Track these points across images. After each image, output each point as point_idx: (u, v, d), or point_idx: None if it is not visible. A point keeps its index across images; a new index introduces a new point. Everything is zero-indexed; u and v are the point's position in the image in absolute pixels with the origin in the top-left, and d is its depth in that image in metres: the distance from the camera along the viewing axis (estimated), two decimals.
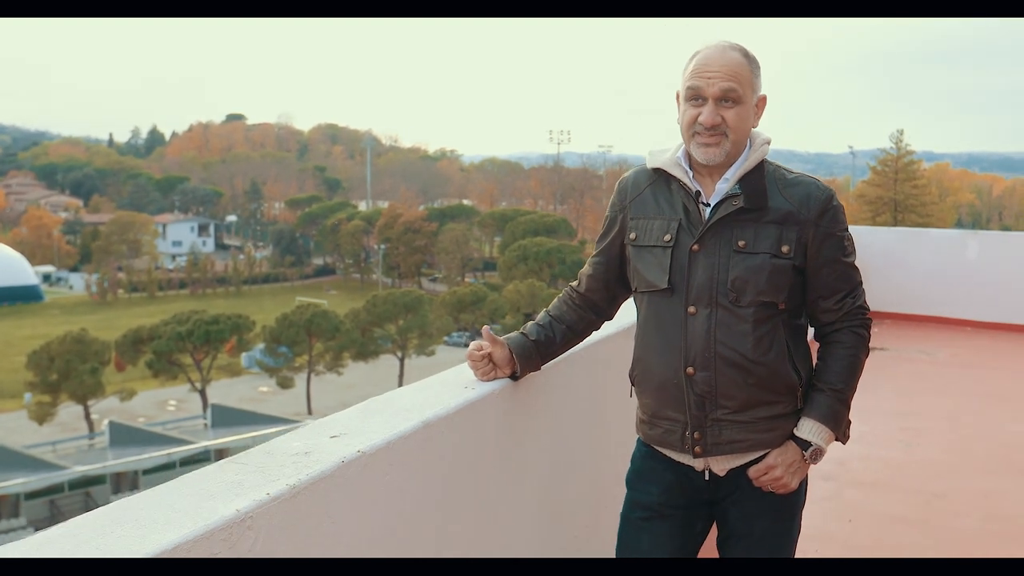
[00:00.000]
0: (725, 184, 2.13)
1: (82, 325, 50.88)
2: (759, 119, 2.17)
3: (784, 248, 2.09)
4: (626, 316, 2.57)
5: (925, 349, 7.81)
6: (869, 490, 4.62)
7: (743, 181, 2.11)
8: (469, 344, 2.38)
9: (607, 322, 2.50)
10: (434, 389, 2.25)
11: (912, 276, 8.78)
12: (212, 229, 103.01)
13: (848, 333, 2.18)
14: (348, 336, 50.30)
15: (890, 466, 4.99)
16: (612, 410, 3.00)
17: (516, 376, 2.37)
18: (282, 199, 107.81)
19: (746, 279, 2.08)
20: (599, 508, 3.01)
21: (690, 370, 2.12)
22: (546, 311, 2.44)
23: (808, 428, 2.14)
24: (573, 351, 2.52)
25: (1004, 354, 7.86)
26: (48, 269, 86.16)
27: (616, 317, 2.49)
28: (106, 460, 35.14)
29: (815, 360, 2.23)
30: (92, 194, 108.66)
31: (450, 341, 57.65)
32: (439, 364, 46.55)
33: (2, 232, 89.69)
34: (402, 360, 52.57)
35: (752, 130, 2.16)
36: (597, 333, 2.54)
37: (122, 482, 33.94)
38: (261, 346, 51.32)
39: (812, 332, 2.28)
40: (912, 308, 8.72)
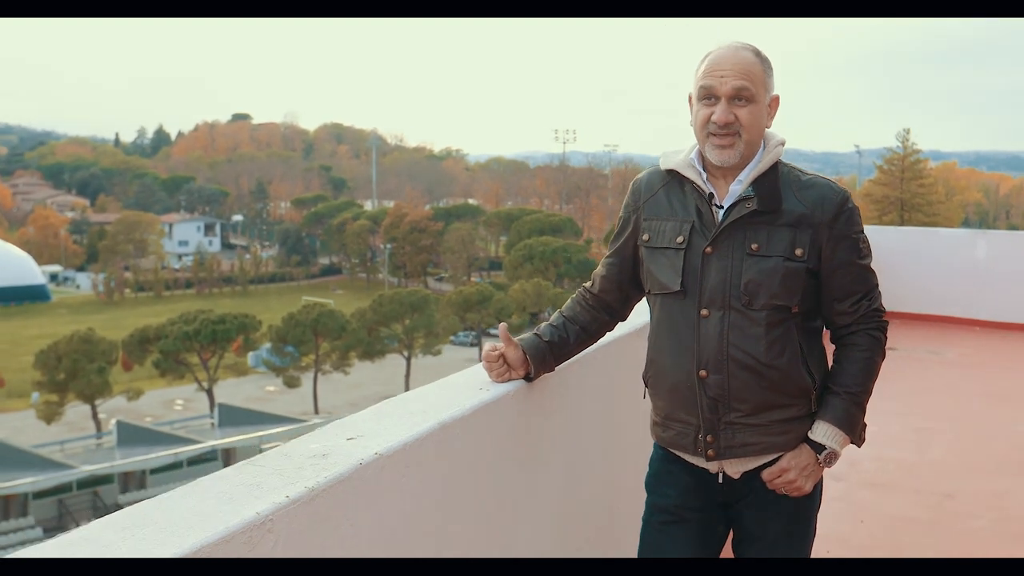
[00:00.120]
0: (739, 186, 2.11)
1: (89, 325, 50.89)
2: (772, 119, 2.15)
3: (798, 251, 2.07)
4: (640, 317, 2.56)
5: (934, 349, 7.79)
6: (880, 491, 4.62)
7: (757, 183, 2.10)
8: (475, 343, 2.38)
9: (621, 323, 2.49)
10: (449, 390, 2.25)
11: (920, 275, 8.76)
12: (218, 229, 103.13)
13: (864, 336, 2.17)
14: (354, 335, 50.33)
15: (901, 467, 4.98)
16: (626, 411, 3.00)
17: (530, 377, 2.36)
18: (288, 198, 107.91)
19: (759, 282, 2.07)
20: (614, 509, 3.01)
21: (703, 373, 2.11)
22: (560, 312, 2.44)
23: (822, 431, 2.13)
24: (587, 352, 2.52)
25: (1013, 354, 7.84)
26: (55, 269, 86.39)
27: (630, 318, 2.48)
28: (114, 459, 35.16)
29: (831, 363, 2.22)
30: (98, 194, 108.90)
31: (456, 340, 57.53)
32: (445, 363, 46.58)
33: (9, 232, 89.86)
34: (408, 359, 52.57)
35: (766, 131, 2.14)
36: (611, 334, 2.53)
37: (130, 481, 34.06)
38: (268, 345, 51.42)
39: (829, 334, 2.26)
40: (920, 308, 8.70)
